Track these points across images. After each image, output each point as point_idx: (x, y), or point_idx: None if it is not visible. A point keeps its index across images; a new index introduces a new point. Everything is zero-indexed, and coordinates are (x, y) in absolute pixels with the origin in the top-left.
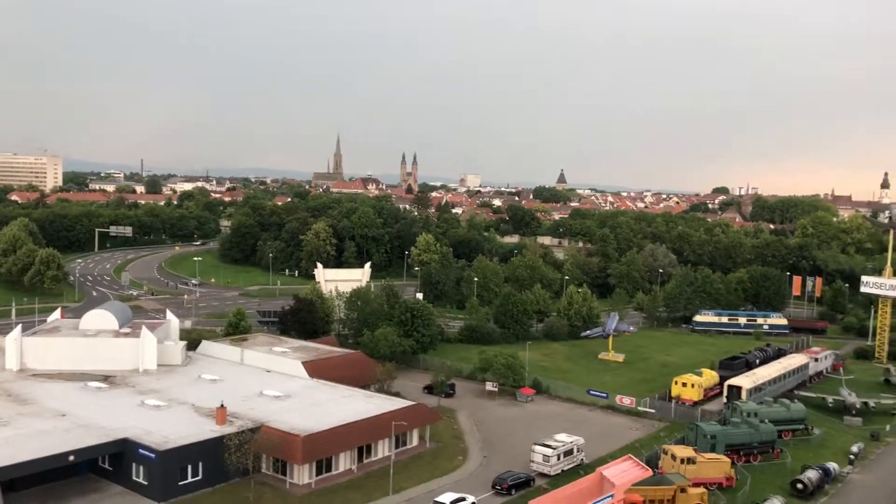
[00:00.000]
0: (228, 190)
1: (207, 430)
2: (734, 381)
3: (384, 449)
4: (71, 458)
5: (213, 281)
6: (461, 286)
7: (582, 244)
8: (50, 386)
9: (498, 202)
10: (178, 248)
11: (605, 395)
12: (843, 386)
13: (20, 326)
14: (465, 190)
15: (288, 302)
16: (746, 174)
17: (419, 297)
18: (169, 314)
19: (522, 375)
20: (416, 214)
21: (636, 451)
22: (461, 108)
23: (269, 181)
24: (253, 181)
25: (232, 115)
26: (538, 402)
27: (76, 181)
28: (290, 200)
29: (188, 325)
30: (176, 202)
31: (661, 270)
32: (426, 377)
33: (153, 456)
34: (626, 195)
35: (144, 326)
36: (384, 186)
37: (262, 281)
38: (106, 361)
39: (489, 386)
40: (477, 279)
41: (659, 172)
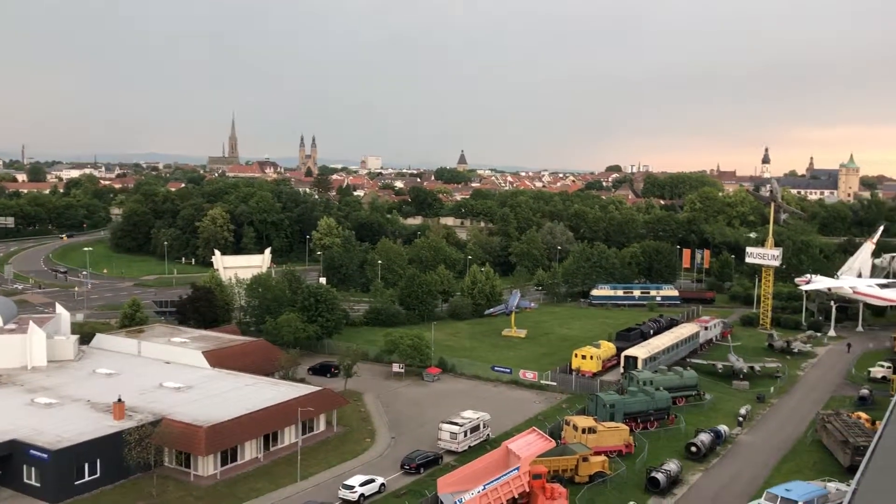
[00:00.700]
0: (119, 177)
1: (105, 426)
2: (630, 351)
3: (291, 436)
4: None
5: (105, 272)
6: (365, 269)
7: (484, 224)
8: None
9: (400, 184)
10: (65, 238)
11: (508, 370)
12: (731, 352)
13: None
14: (366, 172)
15: (186, 291)
16: (638, 152)
17: (322, 281)
18: (59, 308)
19: (428, 355)
20: (316, 198)
21: (540, 423)
22: (360, 89)
23: (161, 167)
24: (144, 167)
25: (120, 98)
26: (444, 380)
27: None
28: (184, 186)
29: (80, 318)
30: (62, 190)
31: (559, 248)
32: (332, 362)
33: (45, 456)
34: (524, 175)
35: (32, 321)
36: (282, 170)
37: (157, 270)
38: None
39: (396, 367)
40: (381, 262)
41: (556, 152)
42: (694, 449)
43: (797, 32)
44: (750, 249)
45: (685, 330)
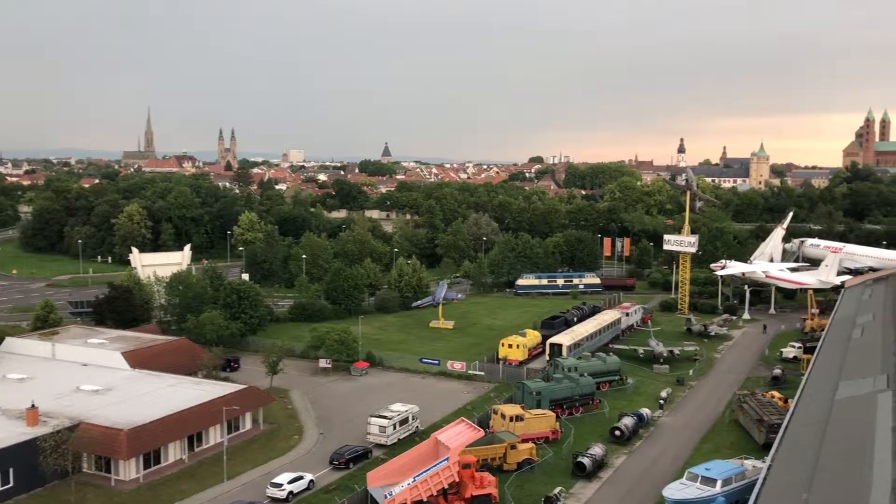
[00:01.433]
0: (27, 173)
1: (17, 433)
2: (555, 339)
3: (216, 435)
4: None
5: (14, 272)
6: (289, 264)
7: (409, 216)
8: None
9: (323, 177)
10: None
11: (436, 361)
12: (651, 337)
13: None
14: (288, 165)
15: (102, 291)
16: (559, 144)
17: (245, 277)
18: None
19: (356, 350)
20: (237, 192)
21: (468, 413)
22: (281, 80)
23: (73, 162)
24: (55, 162)
25: (26, 91)
26: (373, 374)
27: None
28: (98, 182)
29: None
30: None
31: (484, 238)
32: (258, 359)
33: None
34: (449, 167)
35: None
36: (201, 164)
37: (71, 270)
38: None
39: (322, 363)
40: (305, 256)
41: (479, 144)
42: (618, 433)
43: (706, 26)
44: (667, 237)
45: (607, 316)
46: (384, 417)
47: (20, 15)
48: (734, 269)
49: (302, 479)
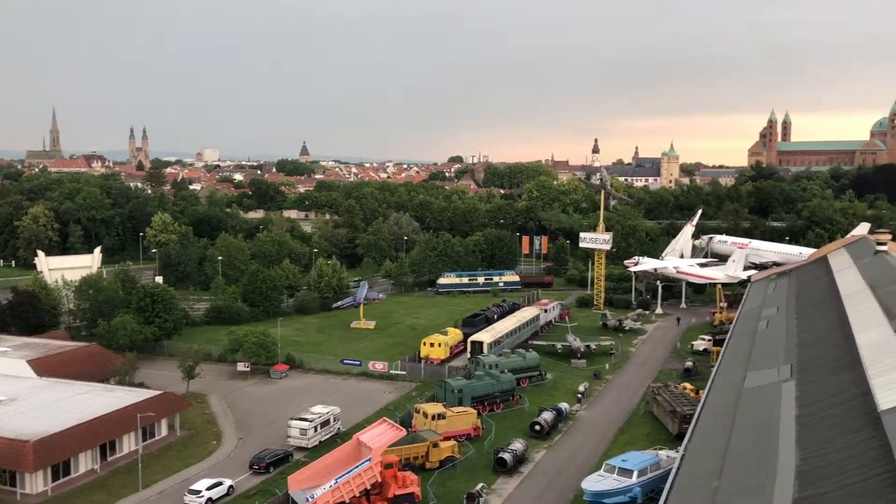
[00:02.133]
0: None
1: None
2: (476, 336)
3: (130, 443)
4: None
5: None
6: (204, 266)
7: (329, 216)
8: None
9: (239, 176)
10: None
11: (358, 362)
12: (569, 332)
13: None
14: (202, 165)
15: (6, 296)
16: (478, 143)
17: (159, 280)
18: None
19: (275, 352)
20: (149, 193)
21: (390, 413)
22: (194, 77)
23: None
24: None
25: None
26: (293, 377)
27: None
28: None
29: None
30: None
31: (405, 238)
32: (173, 364)
33: None
34: (369, 166)
35: None
36: (111, 163)
37: None
38: None
39: (241, 366)
40: (221, 258)
41: (399, 143)
42: (538, 427)
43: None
44: (583, 235)
45: (527, 313)
46: (305, 420)
47: None
48: (647, 265)
49: (221, 484)
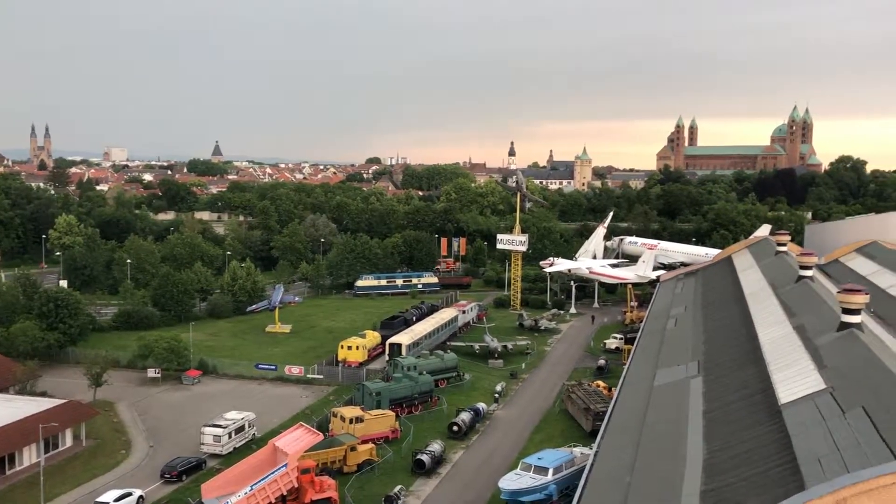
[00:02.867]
0: None
1: None
2: (394, 338)
3: (31, 455)
4: None
5: None
6: (112, 269)
7: (243, 218)
8: None
9: (149, 177)
10: None
11: (273, 367)
12: (486, 333)
13: None
14: (110, 164)
15: None
16: (397, 145)
17: (63, 284)
18: None
19: (187, 358)
20: (52, 193)
21: (307, 417)
22: (101, 73)
23: None
24: None
25: None
26: (206, 382)
27: None
28: None
29: None
30: None
31: (322, 240)
32: (79, 371)
33: None
34: (284, 167)
35: None
36: (10, 162)
37: None
38: None
39: (151, 373)
40: (130, 261)
41: (316, 144)
42: (455, 428)
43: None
44: (500, 236)
45: (445, 315)
46: (219, 426)
47: None
48: (561, 266)
49: (130, 495)
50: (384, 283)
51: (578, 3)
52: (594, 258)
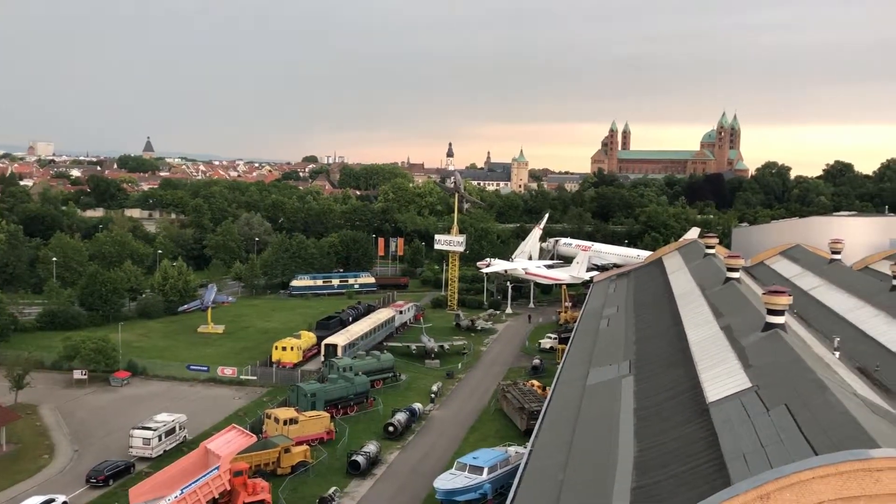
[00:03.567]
0: None
1: None
2: (330, 339)
3: None
4: None
5: None
6: (37, 268)
7: (175, 216)
8: None
9: (77, 172)
10: None
11: (205, 368)
12: (423, 333)
13: None
14: (35, 159)
15: None
16: (334, 144)
17: None
18: None
19: (115, 359)
20: None
21: (240, 419)
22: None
23: None
24: None
25: None
26: (135, 384)
27: None
28: None
29: None
30: None
31: (257, 239)
32: (0, 373)
33: None
34: (218, 164)
35: None
36: None
37: None
38: None
39: (77, 374)
40: (56, 259)
41: (250, 141)
42: (391, 429)
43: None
44: (438, 237)
45: (382, 315)
46: (148, 429)
47: None
48: (498, 266)
49: (54, 501)
50: (320, 283)
51: (516, 5)
52: (530, 259)
